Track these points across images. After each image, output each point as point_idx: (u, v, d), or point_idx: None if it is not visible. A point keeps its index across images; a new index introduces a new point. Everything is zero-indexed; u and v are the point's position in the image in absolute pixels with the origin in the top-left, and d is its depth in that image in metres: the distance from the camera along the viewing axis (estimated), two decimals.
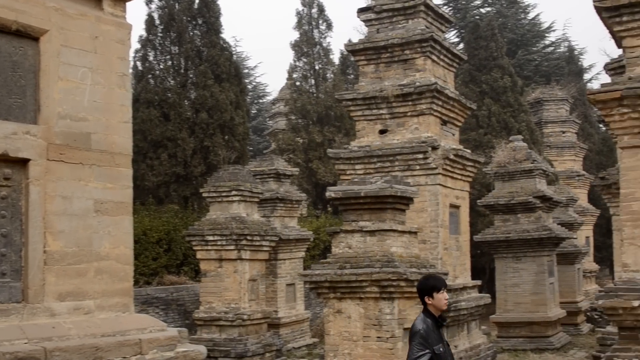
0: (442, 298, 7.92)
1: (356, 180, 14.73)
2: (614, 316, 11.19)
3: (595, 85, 45.87)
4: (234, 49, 39.36)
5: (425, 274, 8.58)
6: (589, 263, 33.47)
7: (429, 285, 7.99)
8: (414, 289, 13.95)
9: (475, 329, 17.88)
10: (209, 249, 19.36)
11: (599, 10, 11.64)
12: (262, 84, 62.59)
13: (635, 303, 10.79)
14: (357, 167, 17.25)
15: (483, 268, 31.20)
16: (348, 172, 17.29)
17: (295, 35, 35.48)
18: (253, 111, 51.94)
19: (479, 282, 18.75)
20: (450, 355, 8.01)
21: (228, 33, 77.63)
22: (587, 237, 34.25)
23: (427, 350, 7.68)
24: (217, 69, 27.85)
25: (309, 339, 23.84)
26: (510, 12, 51.36)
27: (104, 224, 8.63)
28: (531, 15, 53.48)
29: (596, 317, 27.51)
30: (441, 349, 7.79)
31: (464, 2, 50.50)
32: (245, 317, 19.01)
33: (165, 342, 8.71)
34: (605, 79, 17.97)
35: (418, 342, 7.70)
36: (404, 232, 14.37)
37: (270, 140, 41.60)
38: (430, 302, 7.93)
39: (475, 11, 50.37)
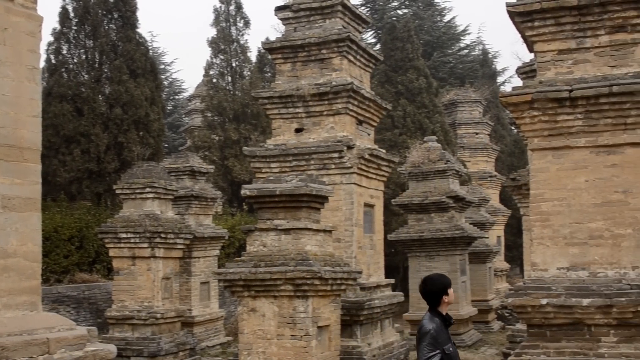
0: (452, 294, 8.12)
1: (271, 178, 14.71)
2: (523, 314, 11.41)
3: (507, 88, 46.80)
4: (150, 45, 38.85)
5: (428, 277, 8.63)
6: (500, 262, 34.16)
7: (445, 283, 8.16)
8: (328, 287, 14.07)
9: (388, 327, 18.04)
10: (122, 246, 19.05)
11: (512, 15, 11.87)
12: (178, 80, 61.97)
13: (544, 301, 11.04)
14: (272, 165, 17.22)
15: (397, 267, 31.55)
16: (264, 171, 17.24)
17: (212, 32, 35.17)
18: (169, 107, 51.39)
19: (392, 281, 18.93)
20: (457, 354, 8.09)
21: (144, 28, 76.55)
22: (499, 237, 34.94)
23: (438, 351, 7.72)
24: (132, 64, 27.42)
25: (223, 338, 23.70)
26: (426, 15, 52.04)
27: (11, 220, 8.40)
28: (447, 18, 54.37)
29: (506, 314, 28.11)
30: (451, 349, 7.89)
31: (381, 3, 50.97)
32: (158, 315, 18.78)
33: (74, 341, 8.54)
34: (518, 82, 18.34)
35: (428, 343, 7.74)
36: (318, 230, 14.41)
37: (186, 137, 41.25)
38: (446, 300, 8.05)
39: (392, 12, 50.88)
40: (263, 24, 59.58)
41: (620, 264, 11.12)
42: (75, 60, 27.54)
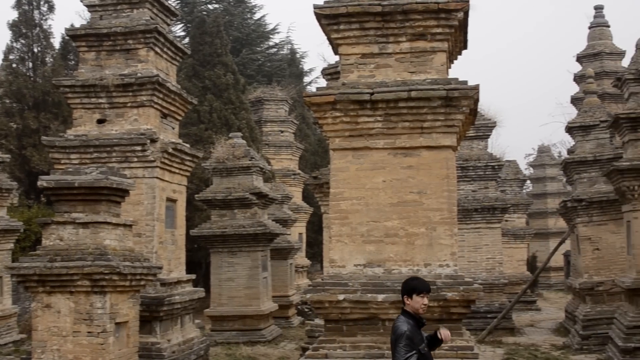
0: (420, 302, 8.04)
1: (70, 170, 14.22)
2: (320, 309, 11.67)
3: (314, 88, 47.65)
4: None
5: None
6: (301, 258, 34.75)
7: (410, 286, 8.12)
8: (127, 283, 13.78)
9: (189, 323, 17.92)
10: None
11: (319, 17, 12.10)
12: None
13: (341, 297, 11.34)
14: (72, 156, 16.65)
15: (199, 262, 31.40)
16: (63, 162, 16.64)
17: (14, 14, 33.49)
18: None
19: (193, 276, 18.80)
20: (430, 355, 8.07)
21: None
22: (300, 234, 35.54)
23: (414, 351, 7.72)
24: None
25: (16, 335, 22.61)
26: (237, 11, 52.11)
27: None
28: (257, 16, 54.72)
29: (306, 310, 28.68)
30: (425, 349, 7.90)
31: None
32: None
33: None
34: (323, 83, 18.75)
35: (405, 344, 7.72)
36: (118, 224, 14.08)
37: None
38: (408, 303, 8.05)
39: (202, 7, 50.57)
40: (68, 10, 57.43)
41: (413, 261, 11.61)
42: None
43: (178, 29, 48.80)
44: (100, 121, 16.99)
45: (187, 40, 41.13)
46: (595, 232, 22.88)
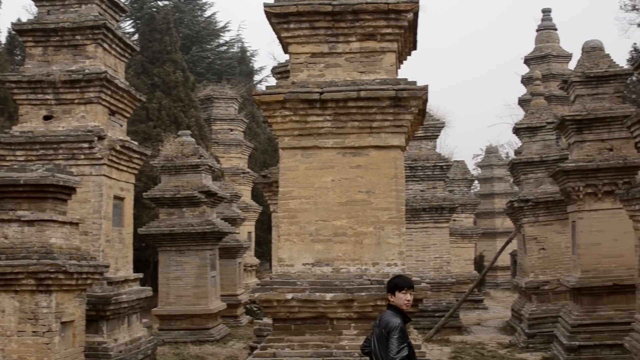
0: (403, 298, 8.24)
1: (16, 167, 14.01)
2: (269, 308, 11.66)
3: (264, 87, 47.57)
4: None
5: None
6: (250, 257, 34.69)
7: (393, 283, 8.36)
8: (73, 282, 13.62)
9: (136, 322, 17.77)
10: None
11: (269, 15, 12.10)
12: None
13: (289, 296, 11.35)
14: (18, 153, 16.39)
15: (147, 261, 31.15)
16: (8, 159, 16.37)
17: None
18: None
19: (141, 275, 18.64)
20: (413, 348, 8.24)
21: None
22: (249, 233, 35.46)
23: (406, 344, 7.90)
24: None
25: None
26: (187, 8, 51.78)
27: None
28: (208, 13, 54.41)
29: (255, 309, 28.63)
30: (412, 342, 8.12)
31: None
32: None
33: None
34: (273, 82, 18.76)
35: (399, 336, 7.88)
36: (65, 222, 13.91)
37: None
38: (392, 300, 8.27)
39: (152, 3, 50.12)
40: (15, 4, 56.67)
41: (361, 260, 11.66)
42: None
43: (127, 26, 48.38)
44: (47, 117, 16.77)
45: (136, 36, 40.70)
46: (541, 232, 23.23)
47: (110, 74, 16.61)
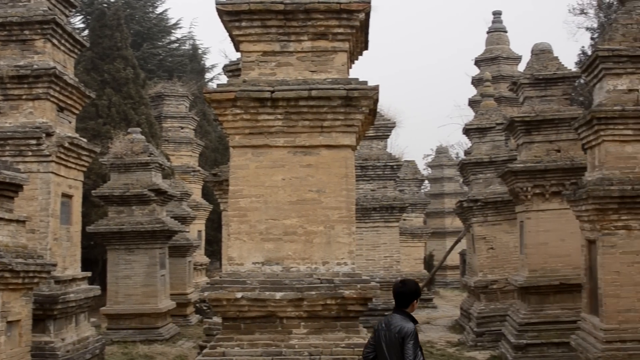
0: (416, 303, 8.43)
1: None
2: (218, 307, 11.63)
3: (215, 84, 47.43)
4: None
5: (406, 279, 8.74)
6: (200, 256, 34.53)
7: (419, 290, 8.41)
8: (20, 280, 13.42)
9: (84, 322, 17.59)
10: None
11: (221, 13, 12.05)
12: None
13: (239, 294, 11.33)
14: None
15: (96, 259, 30.84)
16: None
17: None
18: None
19: (89, 274, 18.45)
20: None
21: None
22: (200, 231, 35.28)
23: (419, 348, 8.03)
24: None
25: None
26: (138, 5, 51.26)
27: None
28: (159, 10, 53.91)
29: (205, 308, 28.47)
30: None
31: None
32: None
33: None
34: (225, 80, 18.71)
35: (415, 342, 7.98)
36: (11, 220, 13.70)
37: None
38: (416, 305, 8.38)
39: None
40: None
41: (312, 259, 11.68)
42: None
43: (77, 21, 47.70)
44: None
45: (86, 32, 40.28)
46: (489, 231, 23.51)
47: (59, 70, 16.40)
